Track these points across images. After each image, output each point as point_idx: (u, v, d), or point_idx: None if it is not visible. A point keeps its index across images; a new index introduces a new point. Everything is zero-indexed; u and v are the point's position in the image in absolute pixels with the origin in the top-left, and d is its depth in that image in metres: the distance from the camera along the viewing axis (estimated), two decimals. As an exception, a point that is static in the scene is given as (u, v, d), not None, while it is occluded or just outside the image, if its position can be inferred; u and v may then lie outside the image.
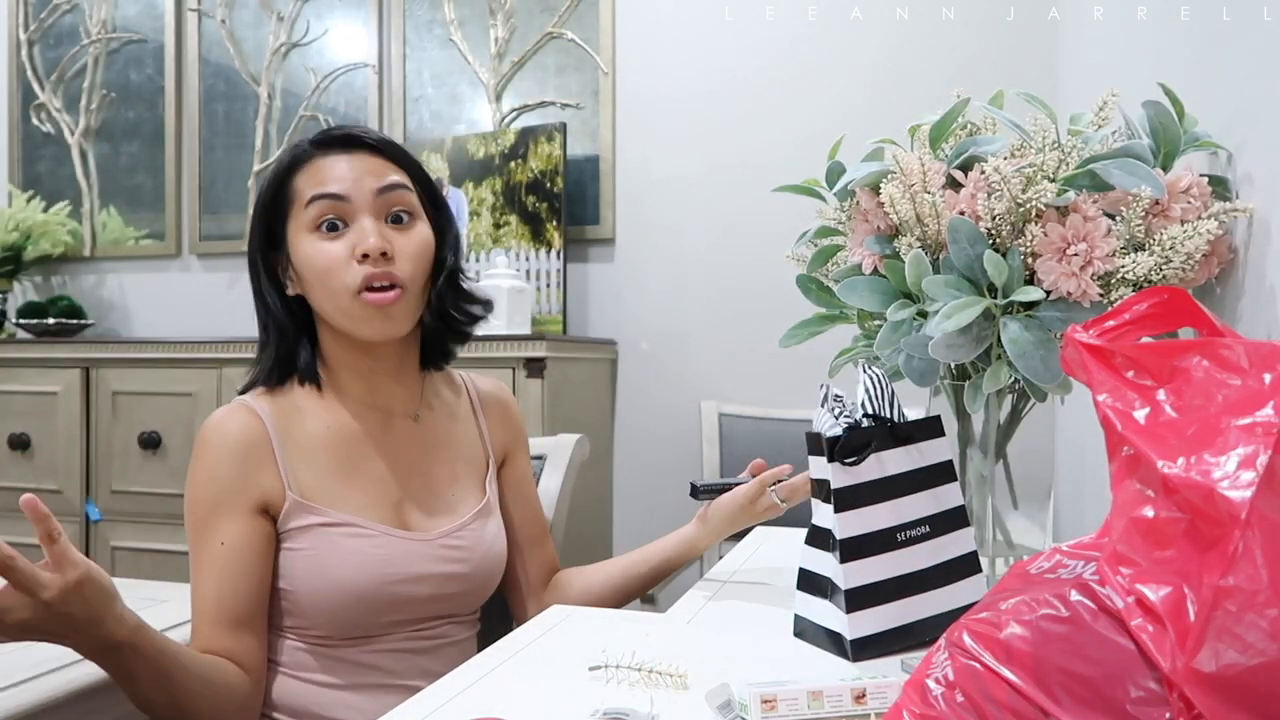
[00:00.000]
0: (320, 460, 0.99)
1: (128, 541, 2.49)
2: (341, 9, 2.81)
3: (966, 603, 0.79)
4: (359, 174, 0.98)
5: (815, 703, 0.61)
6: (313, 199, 0.96)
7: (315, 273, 0.96)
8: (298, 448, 0.99)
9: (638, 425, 2.51)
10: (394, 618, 0.99)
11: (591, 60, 2.55)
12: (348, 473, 1.00)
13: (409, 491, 1.03)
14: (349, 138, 1.00)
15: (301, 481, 0.98)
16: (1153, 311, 0.50)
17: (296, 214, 0.98)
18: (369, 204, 0.97)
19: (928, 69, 2.27)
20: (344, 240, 0.96)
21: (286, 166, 1.00)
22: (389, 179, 0.99)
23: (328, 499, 0.98)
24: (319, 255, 0.96)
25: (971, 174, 0.84)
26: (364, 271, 0.95)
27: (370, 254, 0.94)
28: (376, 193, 0.97)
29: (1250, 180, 0.80)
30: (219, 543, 0.94)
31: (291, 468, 0.98)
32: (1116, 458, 0.44)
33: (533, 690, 0.72)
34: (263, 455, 0.97)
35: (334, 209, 0.96)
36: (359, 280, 0.95)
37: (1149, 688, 0.40)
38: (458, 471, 1.09)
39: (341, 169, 0.98)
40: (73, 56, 3.08)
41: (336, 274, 0.95)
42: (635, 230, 2.53)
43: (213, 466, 0.96)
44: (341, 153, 0.99)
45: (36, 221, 2.91)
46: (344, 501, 0.98)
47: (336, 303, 0.96)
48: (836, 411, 0.81)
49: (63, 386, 2.56)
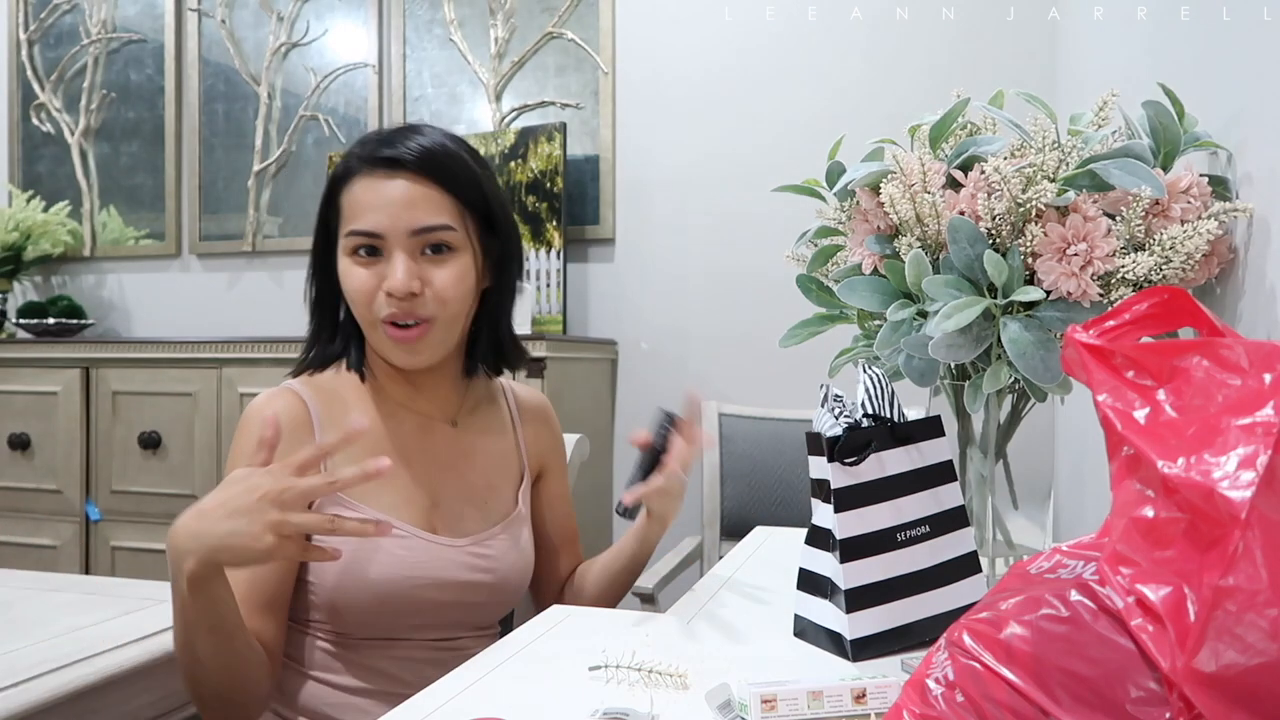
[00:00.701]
0: (358, 452, 0.98)
1: (128, 541, 2.49)
2: (341, 9, 2.81)
3: (966, 603, 0.79)
4: (398, 209, 0.95)
5: (815, 703, 0.61)
6: (350, 233, 0.96)
7: (349, 293, 0.98)
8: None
9: (638, 425, 2.49)
10: (414, 621, 0.98)
11: (591, 60, 2.55)
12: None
13: (441, 497, 1.03)
14: (394, 160, 0.96)
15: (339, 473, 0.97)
16: (1153, 311, 0.50)
17: (341, 232, 0.98)
18: (403, 242, 0.95)
19: (928, 69, 2.27)
20: (376, 270, 0.96)
21: (338, 177, 0.99)
22: (427, 221, 0.95)
23: (361, 494, 0.97)
24: (351, 279, 0.96)
25: (971, 174, 0.84)
26: (388, 308, 0.95)
27: (395, 293, 0.94)
28: (412, 233, 0.95)
29: (1250, 180, 0.80)
30: None
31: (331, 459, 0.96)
32: (1116, 458, 0.44)
33: (533, 690, 0.72)
34: (302, 441, 0.96)
35: (369, 243, 0.96)
36: (384, 311, 0.96)
37: (1149, 688, 0.40)
38: (493, 481, 1.08)
39: (378, 199, 0.95)
40: (73, 56, 3.08)
41: (364, 301, 0.96)
42: (635, 230, 2.53)
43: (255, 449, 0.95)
44: (383, 176, 0.95)
45: (36, 221, 2.91)
46: (377, 498, 0.98)
47: (365, 323, 0.98)
48: (836, 411, 0.81)
49: (63, 386, 2.56)
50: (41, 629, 1.04)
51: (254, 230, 2.88)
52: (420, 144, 0.96)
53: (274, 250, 2.88)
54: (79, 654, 0.96)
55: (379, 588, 0.95)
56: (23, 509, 2.58)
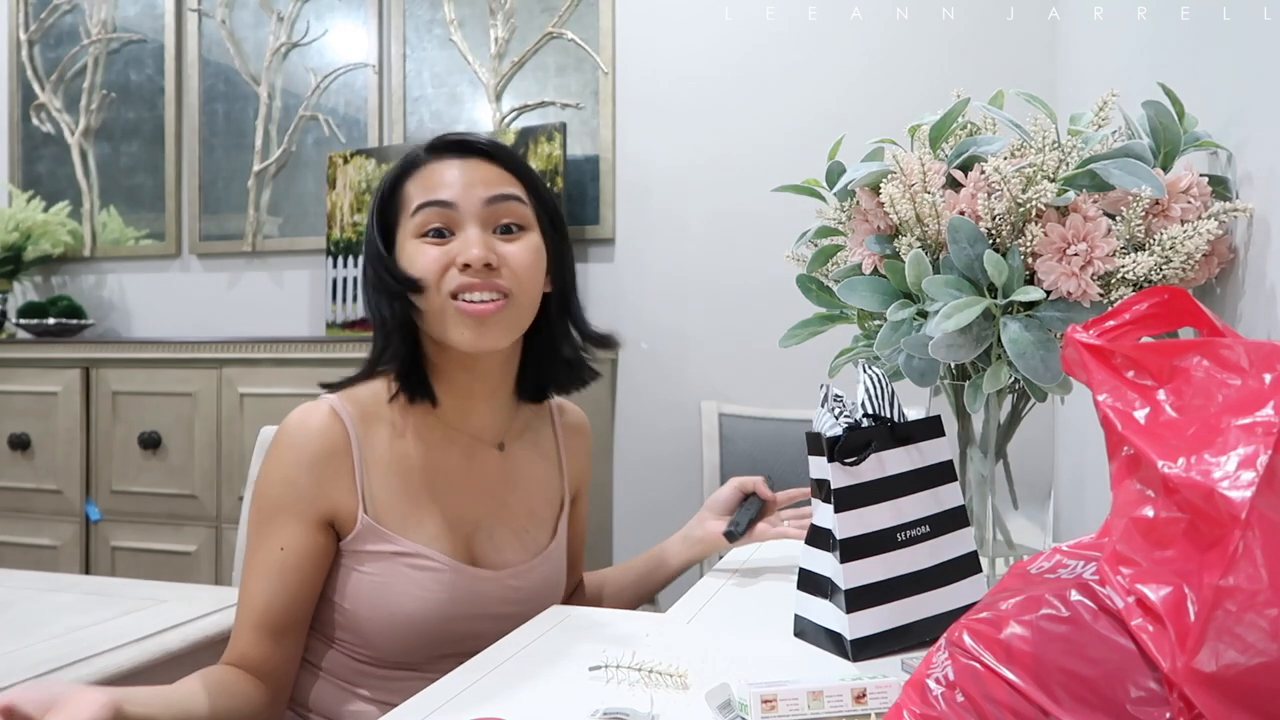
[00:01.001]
0: (398, 478, 0.96)
1: (128, 541, 2.49)
2: (341, 9, 2.81)
3: (966, 603, 0.79)
4: (470, 181, 0.94)
5: (815, 703, 0.61)
6: (421, 205, 0.94)
7: (416, 274, 0.93)
8: (378, 462, 0.95)
9: (638, 425, 2.50)
10: (443, 651, 0.96)
11: (591, 60, 2.55)
12: (424, 496, 0.97)
13: (482, 523, 1.00)
14: (463, 143, 0.97)
15: (377, 501, 0.94)
16: (1153, 311, 0.50)
17: (405, 220, 0.95)
18: (476, 213, 0.93)
19: (928, 69, 2.27)
20: (448, 248, 0.93)
21: (399, 172, 0.97)
22: (501, 189, 0.95)
23: (400, 524, 0.94)
24: (420, 258, 0.93)
25: (971, 174, 0.84)
26: (460, 279, 0.91)
27: (472, 264, 0.91)
28: (486, 201, 0.94)
29: (1250, 180, 0.80)
30: (279, 547, 0.91)
31: (368, 484, 0.94)
32: (1116, 458, 0.44)
33: (533, 690, 0.72)
34: (340, 466, 0.93)
35: (440, 216, 0.93)
36: (455, 285, 0.91)
37: (1149, 688, 0.40)
38: (534, 507, 1.06)
39: (452, 175, 0.95)
40: (73, 56, 3.08)
41: (433, 280, 0.92)
42: (635, 230, 2.53)
43: (289, 469, 0.93)
44: (454, 158, 0.96)
45: (36, 221, 2.91)
46: (417, 528, 0.95)
47: (433, 304, 0.93)
48: (836, 411, 0.81)
49: (63, 386, 2.56)
50: (41, 629, 1.04)
51: (254, 230, 2.88)
52: (485, 136, 0.99)
53: (274, 250, 2.87)
54: (79, 654, 0.96)
55: (413, 622, 0.93)
56: (23, 509, 2.58)
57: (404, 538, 0.94)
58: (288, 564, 0.91)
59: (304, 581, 0.92)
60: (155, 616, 1.10)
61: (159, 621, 1.08)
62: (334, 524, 0.94)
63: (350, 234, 2.66)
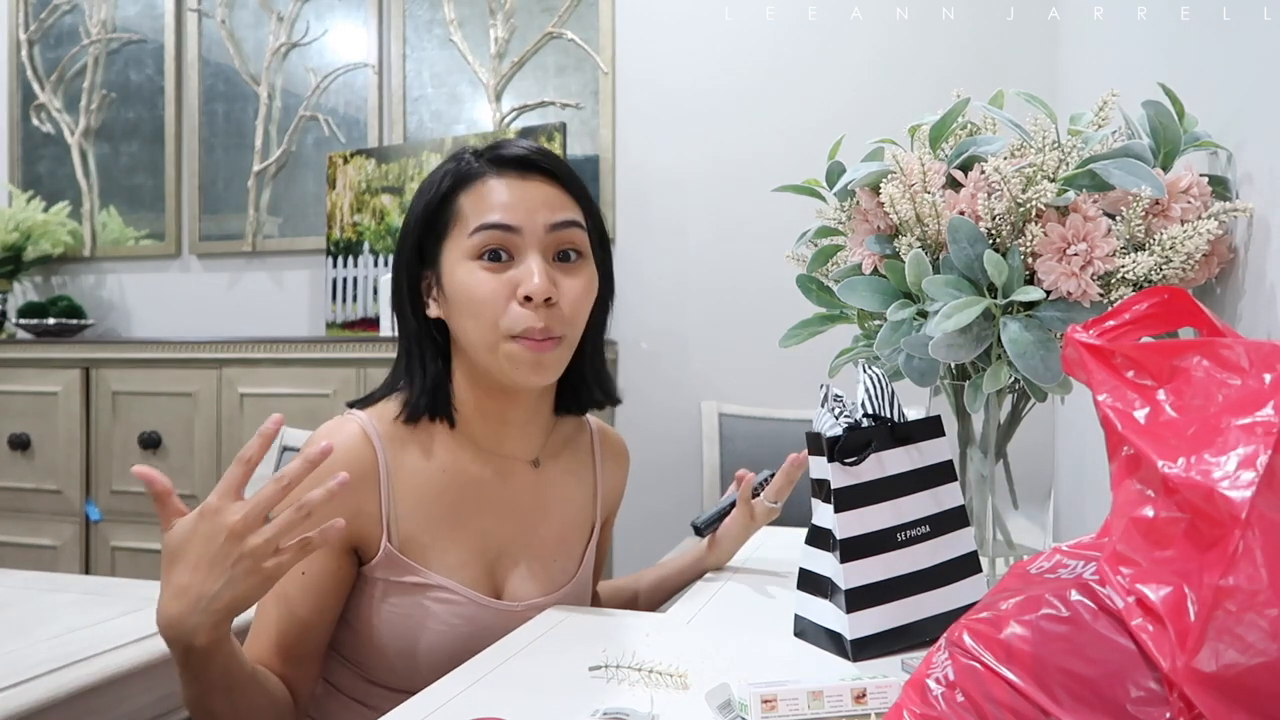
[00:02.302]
0: (425, 505, 0.92)
1: (128, 541, 2.49)
2: (341, 9, 2.81)
3: (966, 603, 0.79)
4: (534, 205, 0.89)
5: (815, 703, 0.61)
6: (481, 227, 0.88)
7: (472, 303, 0.88)
8: (405, 488, 0.92)
9: (638, 425, 2.50)
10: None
11: (591, 60, 2.55)
12: (451, 523, 0.93)
13: (510, 550, 0.97)
14: (526, 160, 0.91)
15: (402, 530, 0.91)
16: (1153, 311, 0.50)
17: (457, 236, 0.90)
18: (539, 239, 0.89)
19: (928, 69, 2.27)
20: (507, 275, 0.88)
21: (453, 182, 0.92)
22: (564, 215, 0.91)
23: (424, 555, 0.91)
24: (479, 286, 0.88)
25: (971, 174, 0.84)
26: (525, 318, 0.87)
27: (534, 296, 0.86)
28: (549, 228, 0.89)
29: (1250, 180, 0.80)
30: (300, 571, 0.87)
31: (395, 512, 0.90)
32: (1116, 458, 0.44)
33: (533, 690, 0.72)
34: (367, 492, 0.89)
35: (501, 240, 0.88)
36: (518, 326, 0.87)
37: (1149, 688, 0.40)
38: (565, 535, 1.02)
39: (514, 195, 0.89)
40: (73, 56, 3.08)
41: (493, 309, 0.88)
42: (635, 230, 2.53)
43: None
44: (516, 177, 0.91)
45: (36, 221, 2.91)
46: (441, 559, 0.92)
47: (486, 339, 0.89)
48: (836, 411, 0.81)
49: (63, 386, 2.56)
50: (41, 629, 1.04)
51: (254, 230, 2.88)
52: (544, 149, 0.94)
53: (274, 250, 2.87)
54: (79, 654, 0.96)
55: (431, 654, 0.90)
56: (23, 509, 2.58)
57: (427, 568, 0.91)
58: (309, 590, 0.88)
59: (325, 608, 0.89)
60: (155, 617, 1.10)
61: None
62: (358, 549, 0.91)
63: (350, 234, 2.66)
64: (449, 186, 0.92)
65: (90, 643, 0.99)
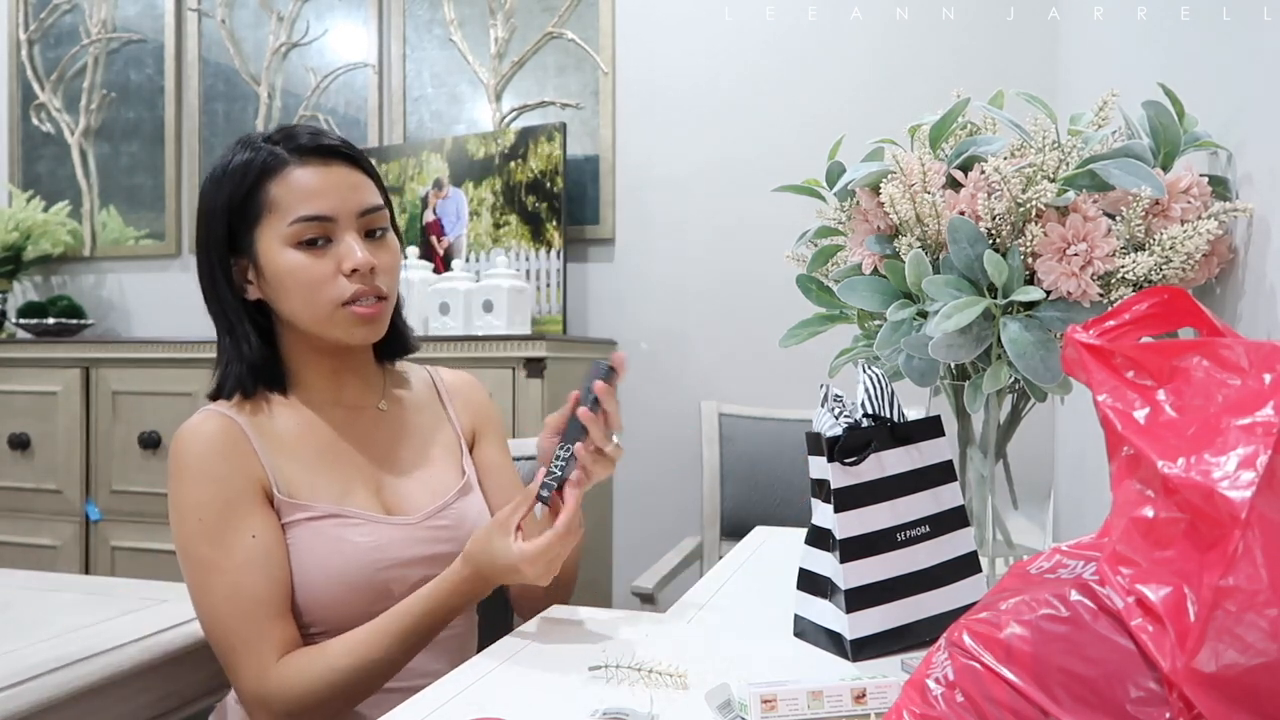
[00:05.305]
0: (298, 456, 1.00)
1: (128, 541, 2.49)
2: (341, 9, 2.81)
3: (966, 603, 0.79)
4: (342, 192, 0.98)
5: (815, 703, 0.61)
6: (300, 219, 0.96)
7: (300, 286, 0.97)
8: (273, 445, 0.99)
9: (638, 425, 2.50)
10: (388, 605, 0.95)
11: (591, 60, 2.55)
12: (325, 465, 1.01)
13: (387, 478, 1.05)
14: (327, 148, 0.99)
15: (285, 478, 0.98)
16: (1153, 311, 0.50)
17: (273, 224, 0.97)
18: (352, 222, 0.98)
19: (928, 69, 2.27)
20: (329, 256, 0.97)
21: (258, 172, 0.97)
22: (369, 201, 1.00)
23: (311, 493, 0.98)
24: (305, 270, 0.97)
25: (971, 174, 0.84)
26: (353, 287, 0.97)
27: (360, 269, 0.97)
28: (360, 214, 0.99)
29: (1250, 180, 0.80)
30: (249, 536, 0.93)
31: (273, 465, 0.98)
32: (1116, 458, 0.44)
33: (533, 690, 0.72)
34: (246, 452, 0.97)
35: (320, 229, 0.97)
36: (347, 294, 0.97)
37: (1149, 688, 0.40)
38: (432, 455, 1.10)
39: (323, 184, 0.97)
40: (73, 56, 3.08)
41: (323, 287, 0.97)
42: (635, 230, 2.53)
43: (207, 467, 0.95)
44: (319, 164, 0.98)
45: (36, 221, 2.91)
46: (327, 493, 0.99)
47: (319, 313, 0.98)
48: (836, 411, 0.81)
49: (63, 386, 2.55)
50: (41, 629, 1.04)
51: (254, 230, 2.88)
52: (339, 136, 1.03)
53: (274, 250, 2.87)
54: (79, 654, 0.96)
55: (345, 579, 0.95)
56: (23, 509, 2.58)
57: (317, 502, 0.98)
58: (269, 545, 0.94)
59: (285, 558, 0.96)
60: (155, 616, 1.10)
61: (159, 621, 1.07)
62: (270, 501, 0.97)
63: (350, 234, 2.66)
64: (255, 176, 0.98)
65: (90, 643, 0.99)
